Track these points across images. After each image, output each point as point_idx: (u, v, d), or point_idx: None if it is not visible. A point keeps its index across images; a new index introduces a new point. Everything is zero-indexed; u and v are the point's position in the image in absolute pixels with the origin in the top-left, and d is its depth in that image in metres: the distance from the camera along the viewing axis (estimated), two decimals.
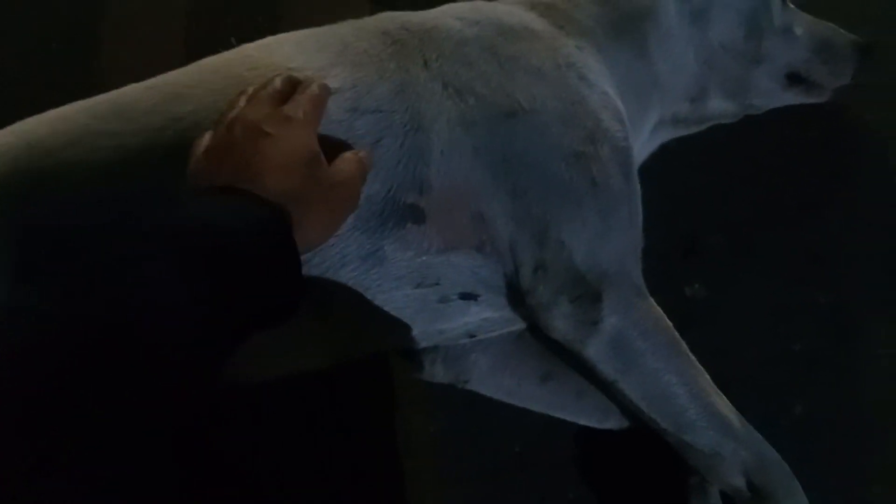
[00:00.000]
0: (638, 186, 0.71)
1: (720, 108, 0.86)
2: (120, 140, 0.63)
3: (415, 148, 0.63)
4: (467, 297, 0.67)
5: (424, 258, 0.64)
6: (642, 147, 0.84)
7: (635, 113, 0.77)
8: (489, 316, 0.70)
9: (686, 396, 0.65)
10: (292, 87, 0.60)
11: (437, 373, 0.75)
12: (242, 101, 0.58)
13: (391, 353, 0.78)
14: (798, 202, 0.89)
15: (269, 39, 0.72)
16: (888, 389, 0.80)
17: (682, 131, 0.87)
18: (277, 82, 0.60)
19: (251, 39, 0.73)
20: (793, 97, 0.88)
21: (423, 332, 0.69)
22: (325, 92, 0.61)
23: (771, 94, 0.86)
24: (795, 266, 0.86)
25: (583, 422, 0.74)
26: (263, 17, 1.06)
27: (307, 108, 0.57)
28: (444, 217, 0.63)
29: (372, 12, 0.74)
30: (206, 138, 0.57)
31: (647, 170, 0.82)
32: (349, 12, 0.75)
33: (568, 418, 0.74)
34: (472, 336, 0.72)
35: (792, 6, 0.86)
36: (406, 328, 0.68)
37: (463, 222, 0.64)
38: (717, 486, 0.68)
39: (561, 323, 0.65)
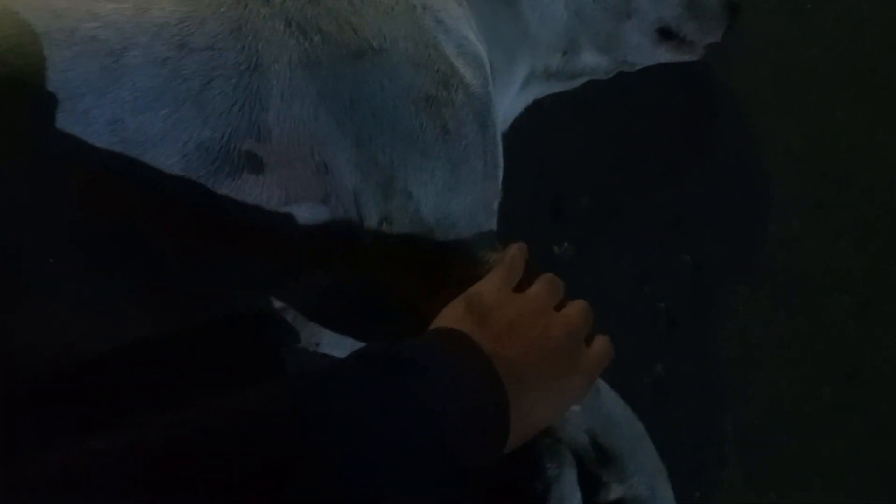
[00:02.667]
0: (497, 138, 0.68)
1: (593, 62, 0.84)
2: None
3: (251, 90, 0.58)
4: None
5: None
6: (514, 100, 0.81)
7: (503, 64, 0.74)
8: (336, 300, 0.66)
9: None
10: None
11: (286, 335, 0.71)
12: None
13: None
14: (663, 166, 0.90)
15: None
16: (744, 345, 0.82)
17: (556, 87, 0.85)
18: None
19: None
20: (665, 53, 0.87)
21: (269, 292, 0.65)
22: None
23: (643, 50, 0.85)
24: (659, 227, 0.87)
25: None
26: None
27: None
28: (284, 167, 0.59)
29: None
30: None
31: (517, 132, 0.81)
32: None
33: None
34: None
35: None
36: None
37: (306, 173, 0.59)
38: (565, 446, 0.67)
39: None
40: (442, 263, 0.61)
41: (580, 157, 0.90)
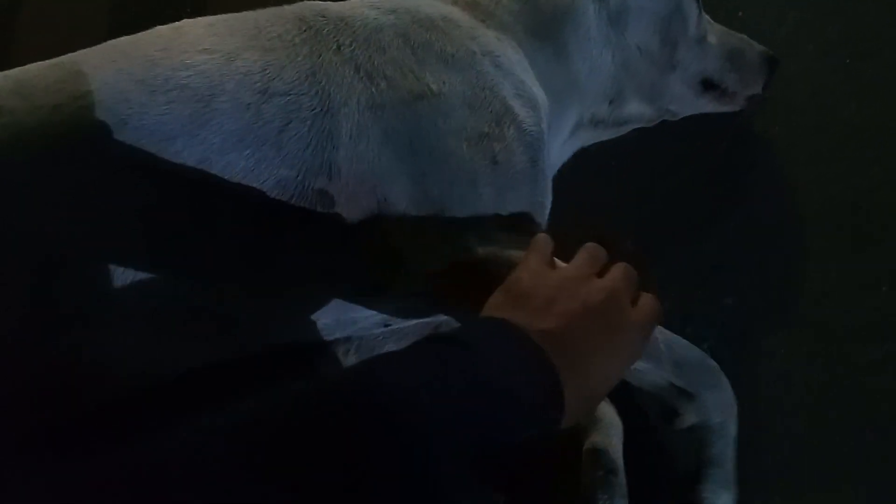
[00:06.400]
0: (546, 173, 0.71)
1: (637, 111, 0.88)
2: (14, 117, 0.60)
3: (324, 131, 0.62)
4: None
5: None
6: (562, 147, 0.85)
7: (554, 111, 0.78)
8: (403, 304, 0.69)
9: None
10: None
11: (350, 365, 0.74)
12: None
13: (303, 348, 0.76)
14: (703, 213, 0.93)
15: (183, 22, 0.70)
16: (783, 388, 0.84)
17: (603, 134, 0.89)
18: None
19: None
20: (707, 104, 0.91)
21: (336, 322, 0.68)
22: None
23: (686, 100, 0.89)
24: (701, 272, 0.90)
25: None
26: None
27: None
28: (351, 202, 0.63)
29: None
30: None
31: (563, 177, 0.84)
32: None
33: None
34: (387, 325, 0.71)
35: (707, 17, 0.89)
36: (318, 318, 0.67)
37: (369, 207, 0.63)
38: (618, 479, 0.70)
39: None
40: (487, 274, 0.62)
41: (623, 202, 0.93)
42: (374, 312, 0.69)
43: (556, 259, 0.61)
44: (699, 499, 0.69)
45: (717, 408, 0.69)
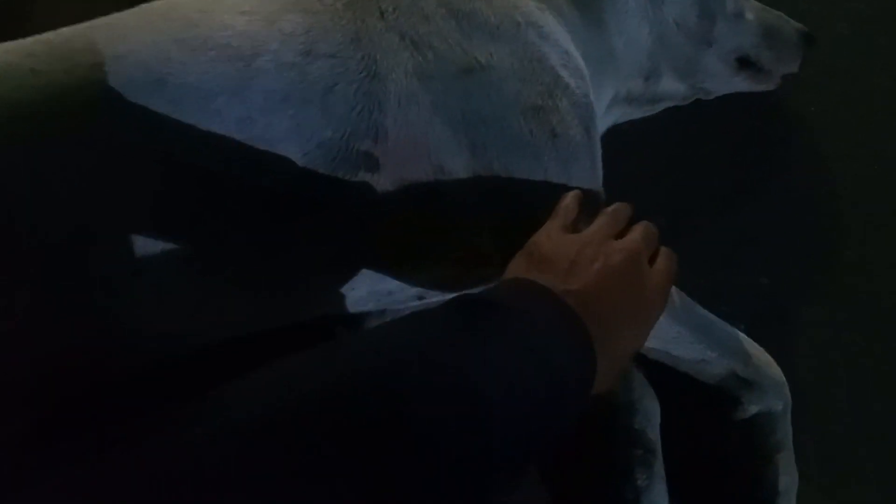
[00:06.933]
0: (598, 143, 0.71)
1: (672, 88, 0.87)
2: (50, 78, 0.58)
3: (371, 95, 0.61)
4: None
5: None
6: (598, 122, 0.84)
7: (591, 85, 0.77)
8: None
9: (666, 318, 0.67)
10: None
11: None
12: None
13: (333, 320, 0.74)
14: (736, 189, 0.93)
15: None
16: (822, 366, 0.84)
17: (636, 112, 0.88)
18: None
19: None
20: (742, 82, 0.90)
21: (369, 294, 0.67)
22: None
23: (721, 77, 0.88)
24: (735, 249, 0.89)
25: None
26: None
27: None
28: (399, 167, 0.61)
29: None
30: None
31: None
32: None
33: None
34: (422, 298, 0.70)
35: None
36: (351, 289, 0.66)
37: (421, 173, 0.62)
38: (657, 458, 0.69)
39: None
40: None
41: (656, 179, 0.92)
42: (409, 285, 0.68)
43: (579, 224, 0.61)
44: (770, 485, 0.72)
45: (777, 394, 0.72)
